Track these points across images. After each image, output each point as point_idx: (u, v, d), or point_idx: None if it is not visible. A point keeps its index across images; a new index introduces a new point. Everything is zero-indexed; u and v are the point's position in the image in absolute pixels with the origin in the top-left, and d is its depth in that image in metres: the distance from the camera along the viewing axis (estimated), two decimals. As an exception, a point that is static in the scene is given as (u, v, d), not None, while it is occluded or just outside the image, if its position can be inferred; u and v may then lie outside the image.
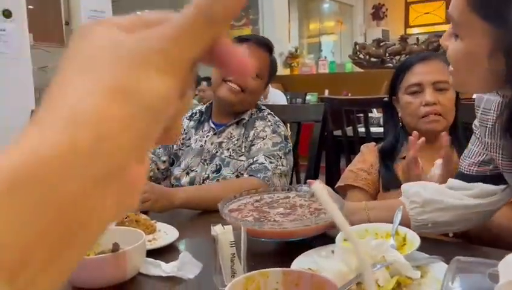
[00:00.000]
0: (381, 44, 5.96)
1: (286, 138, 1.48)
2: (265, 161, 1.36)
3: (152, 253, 0.88)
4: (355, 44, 6.45)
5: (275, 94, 5.04)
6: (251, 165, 1.37)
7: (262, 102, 4.97)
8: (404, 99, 1.31)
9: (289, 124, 1.89)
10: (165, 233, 1.01)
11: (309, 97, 5.57)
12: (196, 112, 1.62)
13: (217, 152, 1.48)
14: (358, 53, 6.17)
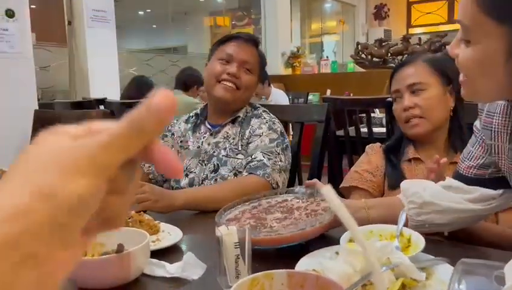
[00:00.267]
0: (383, 44, 5.95)
1: (282, 134, 1.48)
2: (263, 158, 1.36)
3: (156, 254, 0.88)
4: (357, 44, 6.44)
5: (277, 94, 5.04)
6: (249, 163, 1.37)
7: (264, 102, 4.99)
8: (393, 106, 1.34)
9: (291, 124, 1.88)
10: (169, 234, 1.01)
11: (311, 97, 5.57)
12: (192, 115, 1.62)
13: (214, 152, 1.48)
14: (360, 53, 6.16)
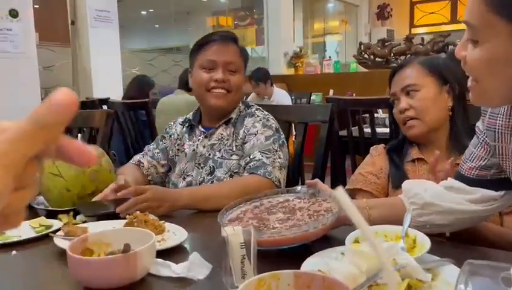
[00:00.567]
0: (386, 44, 5.94)
1: (277, 130, 1.46)
2: (262, 157, 1.35)
3: (161, 253, 0.88)
4: (360, 44, 6.44)
5: (280, 94, 5.04)
6: (249, 163, 1.36)
7: (267, 101, 4.99)
8: (393, 109, 1.36)
9: (294, 125, 1.88)
10: (174, 233, 1.01)
11: (314, 97, 5.57)
12: (188, 119, 1.61)
13: (210, 154, 1.48)
14: (363, 53, 6.15)
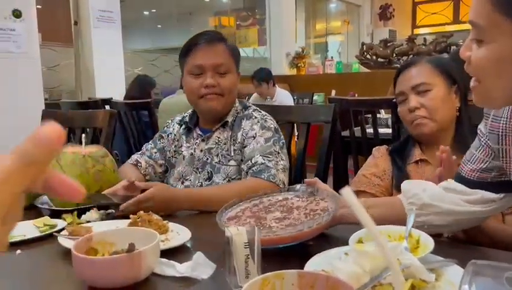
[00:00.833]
0: (388, 44, 5.95)
1: (276, 130, 1.44)
2: (264, 161, 1.33)
3: (165, 253, 0.88)
4: (362, 44, 6.44)
5: (282, 94, 5.04)
6: (251, 167, 1.34)
7: (269, 102, 4.99)
8: (398, 107, 1.34)
9: (296, 125, 1.88)
10: (177, 233, 1.01)
11: (316, 97, 5.56)
12: (185, 119, 1.58)
13: (207, 159, 1.46)
14: (365, 53, 6.15)
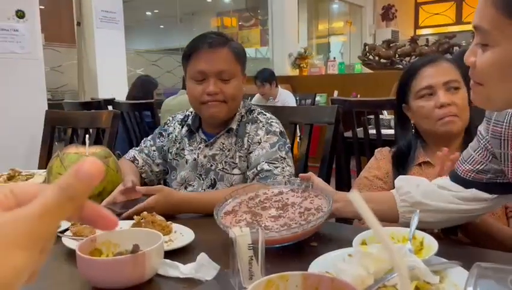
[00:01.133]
0: (391, 45, 5.94)
1: (282, 134, 1.41)
2: (270, 167, 1.32)
3: (168, 254, 0.88)
4: (364, 45, 6.44)
5: (284, 94, 5.04)
6: (257, 174, 1.33)
7: (272, 102, 4.98)
8: (416, 104, 1.28)
9: (298, 126, 1.88)
10: (181, 234, 1.02)
11: (318, 98, 5.56)
12: (187, 119, 1.54)
13: (212, 165, 1.44)
14: (367, 54, 6.15)
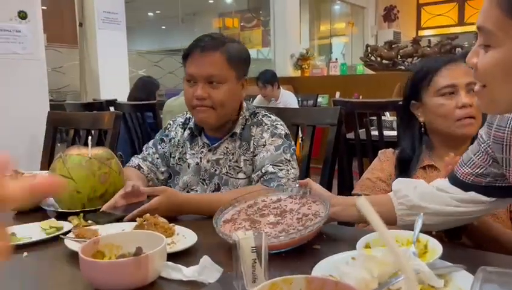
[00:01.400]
0: (393, 46, 5.94)
1: (287, 136, 1.41)
2: (274, 170, 1.31)
3: (171, 256, 0.87)
4: (366, 46, 6.43)
5: (286, 96, 5.04)
6: (262, 177, 1.32)
7: (273, 103, 4.98)
8: (434, 101, 1.24)
9: (301, 127, 1.87)
10: (184, 237, 1.01)
11: (320, 99, 5.56)
12: (188, 121, 1.53)
13: (216, 170, 1.43)
14: (369, 55, 6.15)
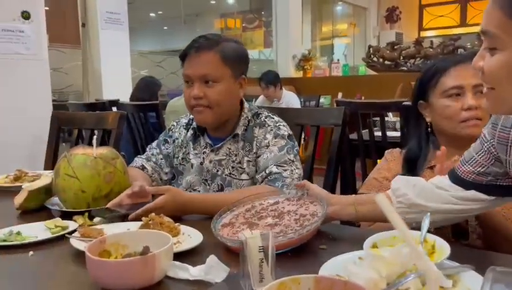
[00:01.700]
0: (395, 47, 5.94)
1: (290, 137, 1.41)
2: (279, 170, 1.32)
3: (176, 256, 0.87)
4: (369, 47, 6.44)
5: (289, 96, 5.05)
6: (266, 177, 1.32)
7: (276, 104, 4.98)
8: (440, 102, 1.24)
9: (305, 127, 1.87)
10: (189, 236, 1.01)
11: (322, 100, 5.57)
12: (191, 122, 1.52)
13: (218, 171, 1.43)
14: (372, 56, 6.15)
